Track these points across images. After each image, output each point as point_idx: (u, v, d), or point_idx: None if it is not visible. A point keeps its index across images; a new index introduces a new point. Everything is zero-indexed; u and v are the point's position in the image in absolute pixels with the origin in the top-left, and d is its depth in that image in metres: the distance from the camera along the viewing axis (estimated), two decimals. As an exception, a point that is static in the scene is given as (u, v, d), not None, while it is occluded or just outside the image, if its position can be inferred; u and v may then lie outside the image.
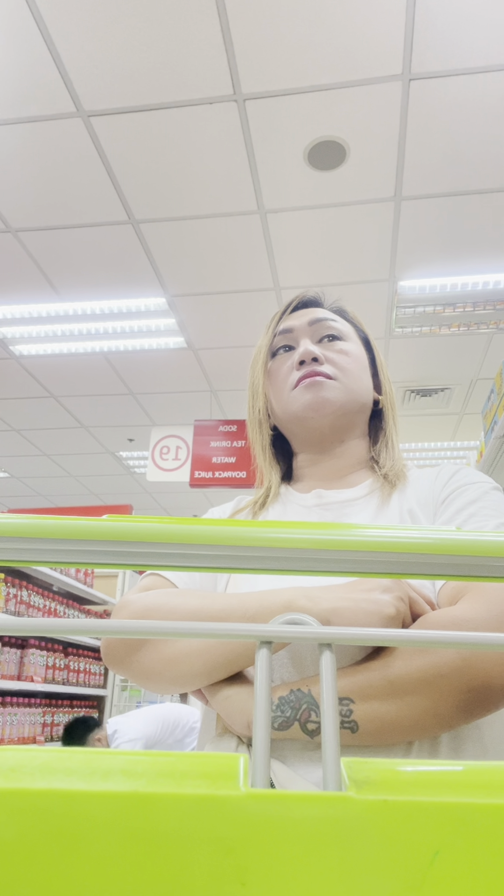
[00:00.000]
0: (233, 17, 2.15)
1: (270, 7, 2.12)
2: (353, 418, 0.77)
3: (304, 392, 0.74)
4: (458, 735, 0.54)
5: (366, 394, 0.78)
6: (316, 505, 0.73)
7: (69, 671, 3.55)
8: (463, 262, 3.28)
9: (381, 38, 2.20)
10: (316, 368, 0.75)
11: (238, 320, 3.85)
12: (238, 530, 0.25)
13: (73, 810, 0.18)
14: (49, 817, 0.18)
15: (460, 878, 0.18)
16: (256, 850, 0.18)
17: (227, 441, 4.46)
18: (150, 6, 2.12)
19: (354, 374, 0.76)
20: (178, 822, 0.18)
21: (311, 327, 0.79)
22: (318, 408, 0.74)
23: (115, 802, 0.18)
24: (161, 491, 6.78)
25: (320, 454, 0.78)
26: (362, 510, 0.70)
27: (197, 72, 2.34)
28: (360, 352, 0.80)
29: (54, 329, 3.95)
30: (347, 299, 0.91)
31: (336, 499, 0.73)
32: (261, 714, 0.22)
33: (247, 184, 2.84)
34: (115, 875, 0.18)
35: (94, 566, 0.25)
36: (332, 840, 0.18)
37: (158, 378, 4.54)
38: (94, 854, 0.18)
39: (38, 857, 0.18)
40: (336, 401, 0.74)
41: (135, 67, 2.33)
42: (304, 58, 2.27)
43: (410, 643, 0.24)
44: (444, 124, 2.52)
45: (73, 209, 3.01)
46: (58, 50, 2.27)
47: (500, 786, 0.20)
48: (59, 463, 6.20)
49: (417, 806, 0.19)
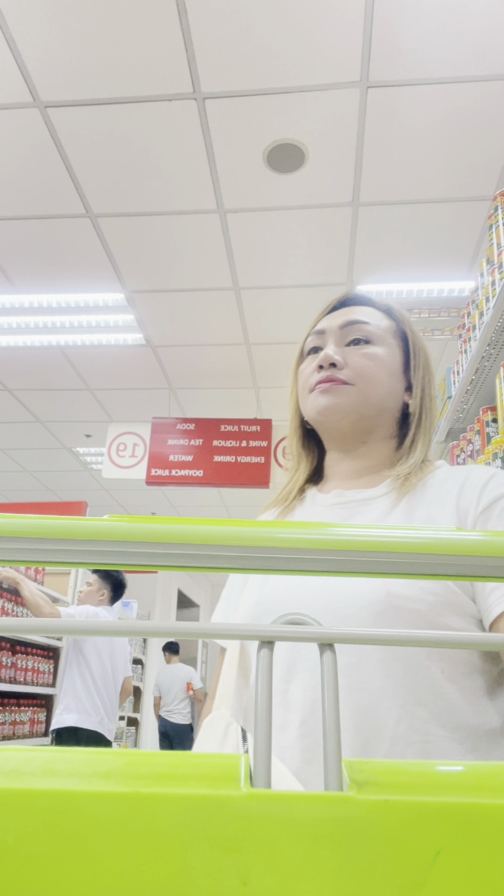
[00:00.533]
0: (192, 15, 2.15)
1: (230, 7, 2.13)
2: (374, 421, 0.77)
3: (319, 396, 0.76)
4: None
5: (388, 397, 0.77)
6: (334, 503, 0.75)
7: (17, 669, 3.48)
8: (420, 268, 3.37)
9: (340, 46, 2.24)
10: (332, 374, 0.76)
11: (197, 319, 3.84)
12: (238, 530, 0.24)
13: (73, 810, 0.18)
14: (49, 817, 0.18)
15: (462, 877, 0.18)
16: (257, 850, 0.18)
17: (185, 439, 4.45)
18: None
19: (375, 379, 0.76)
20: (178, 822, 0.18)
21: (342, 330, 0.79)
22: (328, 413, 0.76)
23: (116, 802, 0.18)
24: (119, 488, 6.70)
25: (344, 453, 0.79)
26: (375, 509, 0.71)
27: (157, 68, 2.32)
28: (390, 355, 0.78)
29: (9, 321, 3.85)
30: (305, 302, 0.92)
31: (353, 497, 0.74)
32: (261, 714, 0.21)
33: (206, 183, 2.84)
34: (116, 875, 0.18)
35: (94, 566, 0.24)
36: (332, 840, 0.18)
37: (116, 374, 4.49)
38: (94, 854, 0.18)
39: (38, 857, 0.18)
40: (347, 406, 0.75)
41: (94, 60, 2.30)
42: (264, 60, 2.29)
43: (410, 643, 0.24)
44: (401, 133, 2.58)
45: (29, 200, 2.95)
46: (14, 38, 2.22)
47: (500, 786, 0.20)
48: (13, 457, 6.05)
49: (418, 806, 0.19)
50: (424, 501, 0.69)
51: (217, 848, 0.18)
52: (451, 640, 0.24)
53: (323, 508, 0.76)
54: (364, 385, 0.76)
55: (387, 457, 0.78)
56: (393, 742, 0.58)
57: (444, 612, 0.60)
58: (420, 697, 0.59)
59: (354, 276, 3.43)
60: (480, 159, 2.69)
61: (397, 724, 0.58)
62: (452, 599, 0.61)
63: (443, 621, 0.60)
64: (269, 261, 3.34)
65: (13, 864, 0.18)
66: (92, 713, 2.95)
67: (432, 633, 0.24)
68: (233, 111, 2.49)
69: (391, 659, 0.60)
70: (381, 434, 0.78)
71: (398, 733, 0.58)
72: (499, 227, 1.84)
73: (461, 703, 0.59)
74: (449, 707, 0.59)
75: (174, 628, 0.24)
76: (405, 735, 0.58)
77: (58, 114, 2.52)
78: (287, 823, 0.18)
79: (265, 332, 3.96)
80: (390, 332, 0.80)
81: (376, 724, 0.58)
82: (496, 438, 1.78)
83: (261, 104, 2.46)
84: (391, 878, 0.18)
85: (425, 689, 0.59)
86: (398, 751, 0.57)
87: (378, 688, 0.59)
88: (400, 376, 0.79)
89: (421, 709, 0.58)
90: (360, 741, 0.58)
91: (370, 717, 0.59)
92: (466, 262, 3.30)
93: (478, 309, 2.06)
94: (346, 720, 0.59)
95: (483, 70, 2.32)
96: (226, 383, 4.61)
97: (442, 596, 0.61)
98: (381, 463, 0.78)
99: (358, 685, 0.60)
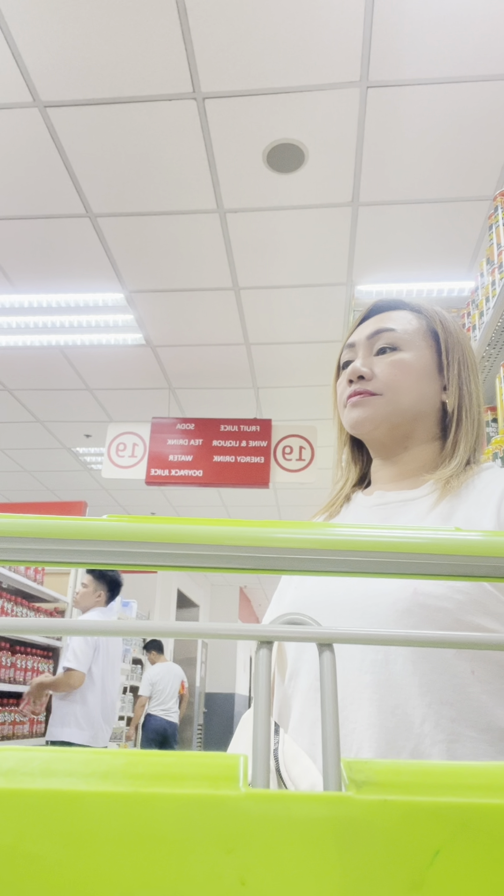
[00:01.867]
0: (192, 15, 2.15)
1: (230, 7, 2.13)
2: (409, 427, 0.77)
3: (350, 410, 0.78)
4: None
5: (421, 401, 0.77)
6: (375, 505, 0.76)
7: (16, 669, 3.48)
8: (420, 268, 3.37)
9: (340, 46, 2.24)
10: (360, 387, 0.77)
11: (197, 319, 3.84)
12: (238, 530, 0.24)
13: (72, 810, 0.18)
14: (49, 817, 0.18)
15: (460, 877, 0.18)
16: (256, 850, 0.18)
17: (185, 439, 4.45)
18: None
19: (405, 387, 0.76)
20: (178, 822, 0.18)
21: (369, 340, 0.80)
22: (359, 426, 0.77)
23: (115, 802, 0.18)
24: (119, 488, 6.70)
25: (386, 459, 0.80)
26: (414, 510, 0.72)
27: (156, 68, 2.32)
28: (419, 358, 0.78)
29: (9, 321, 3.85)
30: (305, 302, 0.92)
31: (394, 499, 0.75)
32: (261, 714, 0.21)
33: (206, 183, 2.84)
34: (115, 875, 0.18)
35: (94, 566, 0.24)
36: (332, 840, 0.18)
37: (116, 374, 4.49)
38: (94, 854, 0.18)
39: (38, 857, 0.18)
40: (377, 417, 0.76)
41: (93, 60, 2.30)
42: (264, 60, 2.29)
43: (410, 643, 0.24)
44: (401, 132, 2.58)
45: (29, 200, 2.95)
46: (14, 38, 2.22)
47: (500, 786, 0.20)
48: (12, 457, 6.05)
49: (417, 806, 0.19)
50: (466, 503, 0.69)
51: (216, 848, 0.18)
52: (451, 640, 0.24)
53: (364, 509, 0.77)
54: (392, 394, 0.76)
55: (430, 460, 0.78)
56: (419, 740, 0.58)
57: (474, 612, 0.60)
58: (447, 696, 0.59)
59: (354, 277, 3.43)
60: (480, 159, 2.69)
61: (423, 722, 0.58)
62: (485, 599, 0.60)
63: (473, 620, 0.60)
64: (269, 261, 3.34)
65: (13, 864, 0.18)
66: (86, 728, 2.93)
67: (432, 633, 0.24)
68: (233, 111, 2.49)
69: (419, 657, 0.60)
70: (422, 437, 0.78)
71: (424, 731, 0.58)
72: (499, 227, 1.84)
73: (492, 705, 0.59)
74: (478, 707, 0.58)
75: (174, 628, 0.24)
76: (431, 734, 0.58)
77: (58, 114, 2.52)
78: (286, 823, 0.18)
79: (265, 332, 3.96)
80: (420, 333, 0.80)
81: (402, 721, 0.59)
82: (496, 438, 1.79)
83: (261, 104, 2.46)
84: (390, 877, 0.18)
85: (453, 688, 0.59)
86: (424, 749, 0.57)
87: (405, 685, 0.60)
88: (434, 377, 0.78)
89: (448, 708, 0.58)
90: (386, 738, 0.59)
91: (396, 714, 0.59)
92: (466, 262, 3.31)
93: (478, 309, 2.06)
94: (372, 717, 0.59)
95: (483, 70, 2.32)
96: (225, 383, 4.61)
97: (472, 595, 0.60)
98: (425, 466, 0.78)
99: (385, 682, 0.60)
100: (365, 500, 0.79)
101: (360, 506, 0.79)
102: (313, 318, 3.79)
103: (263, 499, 6.70)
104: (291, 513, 7.17)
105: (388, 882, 0.18)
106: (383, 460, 0.81)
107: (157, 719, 5.71)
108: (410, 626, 0.60)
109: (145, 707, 5.73)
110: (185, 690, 6.09)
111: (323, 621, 0.61)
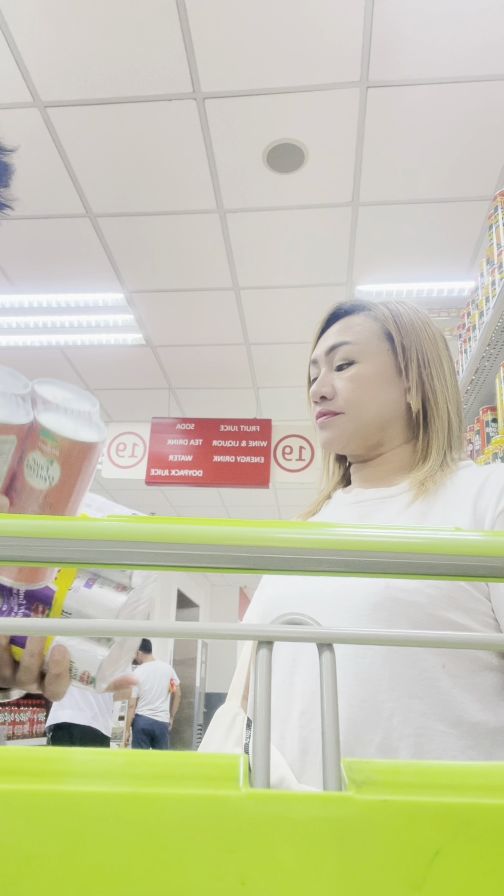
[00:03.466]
0: (192, 15, 2.15)
1: (230, 7, 2.13)
2: (379, 436, 0.78)
3: (319, 432, 0.81)
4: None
5: (386, 409, 0.77)
6: (353, 502, 0.78)
7: (20, 670, 3.48)
8: (420, 268, 3.37)
9: (340, 46, 2.24)
10: (324, 408, 0.79)
11: (197, 319, 3.84)
12: (238, 531, 0.24)
13: (72, 810, 0.18)
14: (49, 817, 0.18)
15: (460, 878, 0.18)
16: (256, 850, 0.18)
17: (185, 439, 4.45)
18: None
19: (364, 401, 0.76)
20: (178, 822, 0.18)
21: (328, 357, 0.80)
22: (328, 446, 0.80)
23: (115, 802, 0.18)
24: (118, 488, 6.70)
25: (363, 463, 0.82)
26: (390, 507, 0.73)
27: (156, 68, 2.32)
28: (375, 367, 0.77)
29: (9, 321, 3.85)
30: (305, 302, 0.92)
31: (371, 496, 0.76)
32: (261, 714, 0.21)
33: (206, 183, 2.84)
34: (115, 875, 0.18)
35: (94, 566, 0.24)
36: (332, 840, 0.18)
37: (116, 374, 4.49)
38: (94, 854, 0.18)
39: (38, 857, 0.18)
40: (343, 435, 0.78)
41: (93, 60, 2.30)
42: (264, 60, 2.29)
43: (411, 643, 0.24)
44: (401, 133, 2.58)
45: (29, 200, 2.95)
46: (14, 38, 2.22)
47: (500, 786, 0.20)
48: (11, 459, 6.05)
49: (417, 806, 0.19)
50: (441, 502, 0.69)
51: (216, 848, 0.18)
52: (451, 640, 0.24)
53: (343, 507, 0.79)
54: (354, 411, 0.77)
55: (407, 461, 0.78)
56: (386, 734, 0.58)
57: (446, 607, 0.60)
58: (416, 691, 0.58)
59: (354, 277, 3.43)
60: (480, 159, 2.69)
61: (391, 716, 0.58)
62: (457, 595, 0.61)
63: (444, 616, 0.60)
64: (268, 261, 3.34)
65: (13, 864, 0.18)
66: (85, 709, 2.97)
67: (431, 633, 0.24)
68: (233, 111, 2.49)
69: (390, 651, 0.60)
70: (396, 442, 0.79)
71: (392, 725, 0.58)
72: (499, 227, 1.84)
73: (463, 699, 0.59)
74: (448, 702, 0.58)
75: (174, 628, 0.24)
76: (399, 728, 0.58)
77: (58, 114, 2.52)
78: (286, 823, 0.18)
79: (265, 333, 3.96)
80: (374, 338, 0.79)
81: (370, 715, 0.58)
82: (496, 438, 1.79)
83: (261, 104, 2.46)
84: (390, 877, 0.18)
85: (423, 682, 0.59)
86: (392, 743, 0.57)
87: (375, 679, 0.59)
88: (394, 381, 0.78)
89: (417, 702, 0.58)
90: (354, 732, 0.58)
91: (364, 708, 0.59)
92: (466, 262, 3.31)
93: (478, 309, 2.06)
94: (340, 710, 0.59)
95: (483, 70, 2.32)
96: (225, 383, 4.61)
97: (444, 590, 0.60)
98: (402, 468, 0.78)
99: (354, 676, 0.60)
100: (344, 497, 0.80)
101: (339, 503, 0.81)
102: (313, 319, 3.79)
103: (263, 499, 6.70)
104: (291, 513, 7.17)
105: (388, 882, 0.18)
106: (361, 464, 0.83)
107: (144, 719, 5.71)
108: (382, 620, 0.60)
109: (134, 708, 5.74)
110: (174, 688, 6.08)
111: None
